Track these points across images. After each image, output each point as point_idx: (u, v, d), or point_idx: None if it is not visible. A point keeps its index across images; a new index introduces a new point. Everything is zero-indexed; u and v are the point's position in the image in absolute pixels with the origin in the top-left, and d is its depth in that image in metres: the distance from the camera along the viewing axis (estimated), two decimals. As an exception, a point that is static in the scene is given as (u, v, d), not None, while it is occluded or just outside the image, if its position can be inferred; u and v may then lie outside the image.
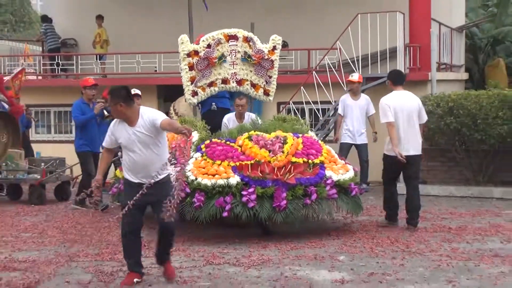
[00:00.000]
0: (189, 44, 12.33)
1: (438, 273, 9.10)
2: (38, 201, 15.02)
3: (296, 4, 22.42)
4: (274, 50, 12.69)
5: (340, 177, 11.20)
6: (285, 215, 10.60)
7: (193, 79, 12.33)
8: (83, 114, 14.05)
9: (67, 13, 25.59)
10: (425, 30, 17.31)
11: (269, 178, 10.73)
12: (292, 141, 11.24)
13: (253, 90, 12.69)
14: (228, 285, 8.65)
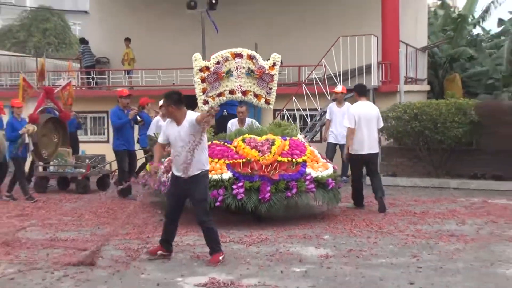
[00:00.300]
0: (201, 61, 12.24)
1: (405, 249, 9.14)
2: (83, 190, 15.10)
3: (289, 29, 22.52)
4: (274, 66, 12.47)
5: (318, 174, 10.98)
6: (269, 206, 10.49)
7: (205, 90, 12.21)
8: (119, 119, 14.10)
9: (100, 36, 25.65)
10: (395, 50, 17.33)
11: (256, 174, 10.65)
12: (279, 143, 11.14)
13: (255, 99, 12.46)
14: (233, 259, 8.68)
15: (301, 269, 8.13)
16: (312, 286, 7.41)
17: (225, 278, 7.71)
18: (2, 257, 8.95)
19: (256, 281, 7.58)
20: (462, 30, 25.18)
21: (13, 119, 14.37)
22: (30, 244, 9.69)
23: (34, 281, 7.78)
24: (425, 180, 15.36)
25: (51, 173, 15.68)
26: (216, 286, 7.42)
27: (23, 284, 7.67)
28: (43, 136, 14.84)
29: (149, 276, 7.92)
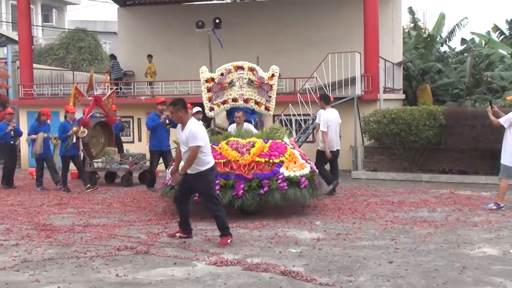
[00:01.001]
0: (207, 73, 12.12)
1: (384, 233, 9.08)
2: (127, 183, 15.01)
3: (286, 47, 22.66)
4: (273, 77, 12.14)
5: (291, 174, 10.27)
6: (242, 202, 9.96)
7: (210, 98, 12.07)
8: (153, 122, 13.97)
9: (127, 52, 25.66)
10: (375, 65, 17.31)
11: (232, 172, 10.19)
12: (259, 145, 10.61)
13: (256, 106, 12.20)
14: (239, 241, 8.63)
15: (297, 250, 8.08)
16: (306, 264, 7.35)
17: (232, 258, 7.67)
18: (43, 239, 8.91)
19: (259, 260, 7.53)
20: (431, 48, 25.18)
21: (65, 122, 14.36)
22: (67, 228, 9.64)
23: (70, 260, 7.72)
24: (401, 174, 15.30)
25: (99, 169, 15.58)
26: (224, 264, 7.37)
27: (61, 262, 7.61)
28: (92, 137, 14.84)
29: (167, 256, 7.86)
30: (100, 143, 15.35)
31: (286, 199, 10.24)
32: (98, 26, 46.59)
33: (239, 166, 10.27)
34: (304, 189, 10.33)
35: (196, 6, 26.34)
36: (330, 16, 22.96)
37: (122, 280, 6.82)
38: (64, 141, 14.21)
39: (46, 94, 21.21)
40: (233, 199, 9.98)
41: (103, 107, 15.26)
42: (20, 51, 21.25)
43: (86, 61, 37.81)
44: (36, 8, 45.34)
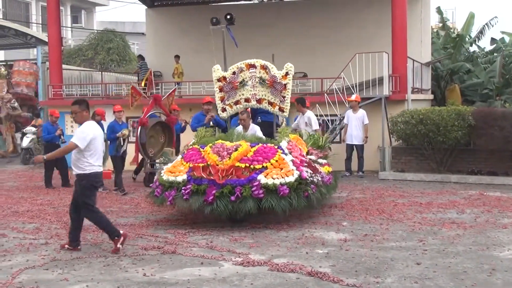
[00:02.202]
0: (219, 71, 11.85)
1: (412, 234, 9.01)
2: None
3: (314, 47, 22.66)
4: (287, 75, 11.44)
5: (269, 181, 9.35)
6: (212, 208, 9.27)
7: (222, 98, 11.82)
8: (198, 122, 13.73)
9: (154, 53, 25.82)
10: (403, 65, 17.20)
11: (206, 177, 9.51)
12: (242, 149, 9.82)
13: (270, 107, 11.67)
14: (266, 241, 8.65)
15: (324, 251, 8.06)
16: (333, 265, 7.33)
17: (259, 258, 7.67)
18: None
19: (285, 261, 7.53)
20: (460, 48, 24.96)
21: (114, 122, 14.31)
22: (95, 228, 9.70)
23: (98, 259, 7.79)
24: (430, 175, 15.16)
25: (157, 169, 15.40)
26: (251, 264, 7.38)
27: (89, 261, 7.69)
28: (150, 137, 14.65)
29: (194, 256, 7.89)
30: (159, 143, 15.09)
31: (261, 208, 9.32)
32: (126, 27, 46.95)
33: (217, 171, 9.57)
34: (283, 198, 9.32)
35: (223, 7, 26.38)
36: (358, 16, 22.88)
37: (149, 280, 6.86)
38: (113, 142, 14.11)
39: (75, 95, 21.40)
40: (203, 206, 9.37)
41: (162, 107, 14.96)
42: (49, 52, 21.48)
43: (115, 62, 38.12)
44: (65, 10, 45.85)
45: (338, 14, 23.25)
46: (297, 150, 10.56)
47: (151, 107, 14.73)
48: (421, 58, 20.43)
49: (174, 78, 22.58)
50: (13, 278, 6.96)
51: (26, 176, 17.54)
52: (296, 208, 9.47)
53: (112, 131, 14.05)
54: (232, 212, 9.35)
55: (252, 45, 21.31)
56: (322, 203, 10.46)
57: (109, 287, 6.62)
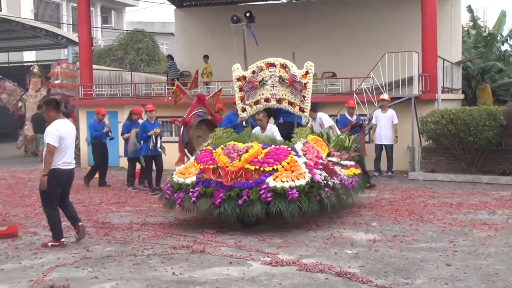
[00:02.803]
0: (239, 71, 11.63)
1: (442, 235, 8.94)
2: None
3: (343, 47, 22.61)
4: (307, 74, 11.02)
5: (278, 184, 9.03)
6: (219, 212, 9.11)
7: (242, 98, 11.56)
8: (230, 123, 13.47)
9: (183, 53, 25.94)
10: (433, 64, 17.05)
11: (214, 180, 9.31)
12: (253, 151, 9.55)
13: (290, 107, 11.28)
14: (294, 241, 8.65)
15: (353, 251, 8.03)
16: (362, 266, 7.30)
17: (287, 258, 7.67)
18: (102, 237, 9.09)
19: (314, 261, 7.51)
20: (491, 47, 24.69)
21: (146, 122, 14.30)
22: (125, 227, 9.80)
23: (127, 258, 7.85)
24: (460, 176, 15.01)
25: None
26: (280, 264, 7.37)
27: (119, 260, 7.75)
28: (198, 137, 14.28)
29: (223, 255, 7.91)
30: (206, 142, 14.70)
31: (268, 212, 9.05)
32: (155, 27, 47.21)
33: (226, 173, 9.34)
34: (292, 202, 8.99)
35: (252, 6, 26.39)
36: (387, 16, 22.73)
37: (178, 279, 6.90)
38: (146, 141, 14.11)
39: (105, 94, 21.60)
40: (211, 209, 9.23)
41: (207, 106, 14.72)
42: (80, 52, 21.70)
43: (144, 62, 38.36)
44: (95, 10, 46.27)
45: (367, 13, 23.13)
46: (314, 152, 10.20)
47: (194, 107, 14.51)
48: (451, 58, 20.25)
49: (203, 78, 22.64)
50: (44, 275, 7.04)
51: (57, 175, 17.70)
52: (307, 212, 9.13)
53: (144, 131, 14.05)
54: (239, 215, 9.15)
55: (280, 44, 21.25)
56: (338, 207, 10.10)
57: (138, 285, 6.66)
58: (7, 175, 17.68)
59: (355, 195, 11.25)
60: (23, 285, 6.73)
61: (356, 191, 11.06)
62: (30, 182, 16.08)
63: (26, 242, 8.90)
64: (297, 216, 9.03)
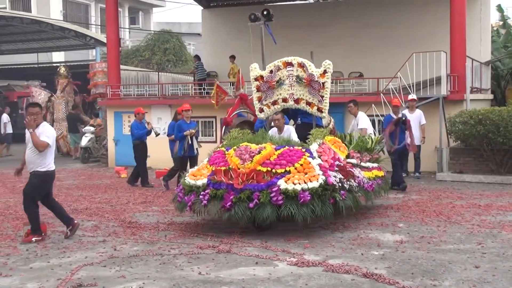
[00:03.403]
0: (257, 70, 11.28)
1: (471, 237, 8.85)
2: None
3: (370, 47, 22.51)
4: (325, 74, 10.64)
5: (289, 186, 8.73)
6: (229, 215, 8.83)
7: (260, 98, 11.27)
8: (262, 123, 13.36)
9: (210, 53, 26.02)
10: (462, 64, 16.89)
11: (225, 182, 9.04)
12: (265, 152, 9.28)
13: (308, 107, 10.92)
14: (320, 242, 8.63)
15: (379, 252, 7.99)
16: (388, 267, 7.26)
17: (314, 259, 7.66)
18: (129, 236, 9.15)
19: (340, 262, 7.49)
20: (521, 47, 24.41)
21: (182, 122, 14.26)
22: (152, 226, 9.87)
23: (154, 257, 7.90)
24: (489, 177, 14.85)
25: None
26: (306, 265, 7.36)
27: (146, 259, 7.80)
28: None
29: (249, 255, 7.92)
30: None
31: (279, 215, 8.74)
32: (182, 28, 47.51)
33: (237, 175, 9.07)
34: (304, 205, 8.69)
35: (279, 7, 26.43)
36: (415, 16, 22.58)
37: (204, 278, 6.92)
38: (181, 141, 14.05)
39: (132, 95, 21.75)
40: (221, 212, 8.97)
41: (250, 106, 14.03)
42: (108, 52, 21.88)
43: (171, 62, 38.59)
44: (123, 11, 46.66)
45: (394, 13, 23.00)
46: (330, 153, 9.85)
47: (236, 107, 14.05)
48: (480, 57, 20.04)
49: (229, 78, 22.69)
50: (72, 274, 7.12)
51: (85, 175, 17.92)
52: (319, 216, 8.81)
53: (179, 130, 14.02)
54: (250, 219, 8.91)
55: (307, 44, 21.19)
56: (355, 210, 9.75)
57: (165, 285, 6.70)
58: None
59: (376, 198, 11.08)
60: (52, 283, 6.81)
61: (377, 194, 10.81)
62: (58, 181, 16.23)
63: (55, 240, 9.01)
64: (309, 219, 8.71)
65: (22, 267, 7.56)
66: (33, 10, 39.86)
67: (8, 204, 12.41)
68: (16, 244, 8.80)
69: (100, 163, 21.04)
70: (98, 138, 22.26)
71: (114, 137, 20.52)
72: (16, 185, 15.46)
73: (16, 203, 12.53)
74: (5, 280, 6.99)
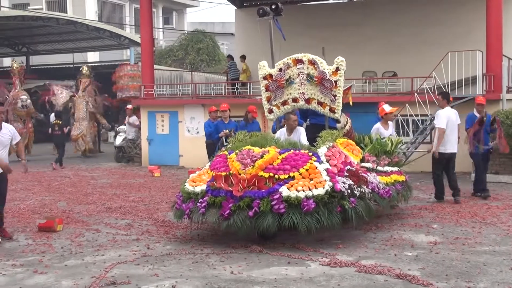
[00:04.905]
0: (265, 68, 10.54)
1: (507, 239, 8.74)
2: None
3: (404, 47, 22.35)
4: (337, 71, 9.80)
5: (292, 194, 8.07)
6: (227, 224, 8.19)
7: (269, 98, 10.50)
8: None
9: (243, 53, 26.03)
10: (498, 63, 16.67)
11: (224, 189, 8.39)
12: (268, 156, 8.59)
13: (320, 107, 10.06)
14: (353, 243, 8.59)
15: (413, 253, 7.92)
16: (422, 268, 7.19)
17: (346, 259, 7.62)
18: (162, 235, 9.22)
19: (373, 262, 7.44)
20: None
21: (219, 122, 14.15)
22: (184, 225, 9.90)
23: (187, 256, 7.94)
24: (525, 177, 14.64)
25: None
26: (338, 265, 7.34)
27: (178, 258, 7.84)
28: None
29: (281, 255, 7.91)
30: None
31: (281, 225, 8.04)
32: (216, 28, 47.69)
33: (238, 181, 8.40)
34: (307, 214, 8.04)
35: (311, 6, 26.38)
36: (449, 15, 22.36)
37: (236, 278, 6.94)
38: (218, 141, 13.96)
39: (166, 94, 21.89)
40: (219, 220, 8.33)
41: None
42: (142, 52, 22.07)
43: (204, 62, 38.76)
44: (157, 11, 47.00)
45: (429, 12, 22.79)
46: (340, 158, 9.02)
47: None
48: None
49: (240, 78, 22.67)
50: (106, 272, 7.19)
51: (119, 174, 18.08)
52: (326, 225, 8.09)
53: (216, 131, 13.98)
54: (250, 228, 8.21)
55: (341, 43, 21.18)
56: (367, 218, 8.75)
57: (197, 283, 6.73)
58: (71, 174, 18.11)
59: (394, 205, 10.51)
60: (86, 281, 6.88)
61: (395, 200, 10.02)
62: (92, 180, 16.43)
63: (89, 239, 9.11)
64: (314, 229, 8.02)
65: (57, 264, 7.66)
66: (68, 11, 40.39)
67: (44, 202, 12.59)
68: (51, 241, 8.92)
69: (134, 162, 21.22)
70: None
71: (148, 137, 20.67)
72: (51, 183, 15.70)
73: (52, 201, 12.73)
74: (41, 278, 7.09)
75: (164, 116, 20.38)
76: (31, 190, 14.37)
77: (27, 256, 8.13)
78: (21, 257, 8.04)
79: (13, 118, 22.21)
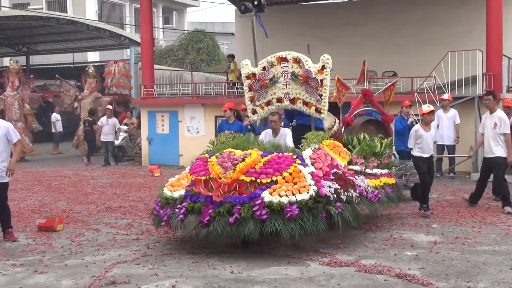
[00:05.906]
0: (248, 67, 10.23)
1: (506, 238, 8.75)
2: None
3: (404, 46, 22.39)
4: (323, 70, 9.45)
5: (274, 199, 7.63)
6: (207, 232, 7.75)
7: (252, 98, 10.14)
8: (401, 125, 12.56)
9: (244, 53, 26.01)
10: (498, 63, 16.67)
11: (204, 194, 8.01)
12: (250, 159, 8.14)
13: (305, 108, 9.71)
14: (353, 242, 8.60)
15: (413, 253, 7.93)
16: (422, 268, 7.20)
17: (346, 259, 7.63)
18: (162, 235, 9.22)
19: (373, 262, 7.45)
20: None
21: (223, 122, 14.09)
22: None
23: (187, 256, 7.94)
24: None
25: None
26: (338, 265, 7.34)
27: (178, 258, 7.85)
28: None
29: (281, 255, 7.92)
30: None
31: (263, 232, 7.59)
32: (216, 27, 47.65)
33: (218, 186, 7.99)
34: (291, 221, 7.60)
35: (312, 6, 26.38)
36: (449, 15, 22.37)
37: (236, 277, 6.94)
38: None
39: (166, 94, 21.89)
40: (198, 227, 7.89)
41: (375, 103, 12.43)
42: (142, 52, 22.06)
43: (204, 62, 38.74)
44: (157, 11, 46.97)
45: (429, 12, 22.81)
46: (326, 160, 8.61)
47: (359, 104, 12.19)
48: (517, 56, 19.76)
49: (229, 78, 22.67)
50: (106, 271, 7.19)
51: (119, 173, 18.08)
52: (311, 232, 7.68)
53: (219, 131, 14.02)
54: (230, 235, 7.80)
55: (340, 43, 21.22)
56: (355, 224, 8.43)
57: (197, 283, 6.73)
58: (71, 173, 18.11)
59: (383, 208, 9.98)
60: (86, 280, 6.88)
61: (384, 204, 9.56)
62: (92, 180, 16.43)
63: (89, 238, 9.12)
64: (298, 236, 7.67)
65: (57, 264, 7.67)
66: (68, 11, 40.35)
67: (44, 202, 12.59)
68: (51, 241, 8.92)
69: (134, 162, 21.22)
70: (131, 136, 22.46)
71: (148, 136, 20.67)
72: (51, 183, 15.70)
73: (52, 201, 12.74)
74: (41, 277, 7.10)
75: (164, 115, 20.38)
76: (31, 190, 14.39)
77: (27, 255, 8.14)
78: (21, 257, 8.05)
79: (16, 118, 22.20)
